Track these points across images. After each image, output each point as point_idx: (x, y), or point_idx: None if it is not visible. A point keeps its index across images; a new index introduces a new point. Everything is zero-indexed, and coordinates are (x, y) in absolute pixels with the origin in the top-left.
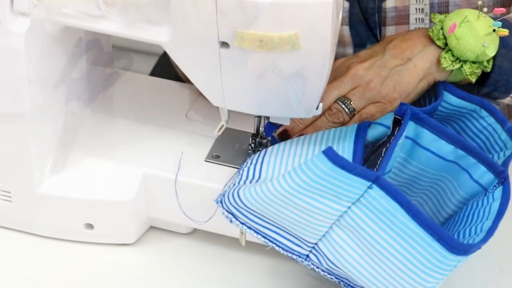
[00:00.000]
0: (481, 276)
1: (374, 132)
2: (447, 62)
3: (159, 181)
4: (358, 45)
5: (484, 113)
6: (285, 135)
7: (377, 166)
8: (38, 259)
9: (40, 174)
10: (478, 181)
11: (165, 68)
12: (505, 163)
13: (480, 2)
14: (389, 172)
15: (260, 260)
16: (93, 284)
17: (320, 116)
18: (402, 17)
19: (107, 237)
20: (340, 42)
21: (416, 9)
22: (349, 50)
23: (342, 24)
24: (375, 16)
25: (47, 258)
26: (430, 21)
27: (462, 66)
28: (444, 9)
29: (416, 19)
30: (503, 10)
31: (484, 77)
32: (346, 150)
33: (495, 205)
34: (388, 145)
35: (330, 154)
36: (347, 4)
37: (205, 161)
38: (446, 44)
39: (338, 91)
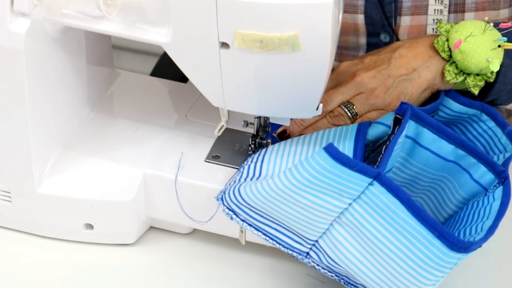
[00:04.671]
0: (482, 276)
1: (374, 131)
2: (450, 75)
3: (159, 181)
4: (372, 34)
5: (484, 116)
6: (284, 135)
7: (377, 164)
8: (38, 259)
9: (40, 174)
10: (478, 181)
11: (165, 68)
12: (505, 164)
13: (486, 18)
14: (390, 171)
15: (260, 260)
16: (93, 284)
17: (322, 118)
18: (419, 7)
19: (107, 237)
20: (354, 31)
21: (436, 0)
22: (363, 39)
23: (357, 12)
24: (392, 5)
25: (47, 258)
26: (449, 12)
27: (465, 78)
28: (461, 1)
29: (435, 10)
30: (508, 25)
31: (487, 84)
32: (346, 149)
33: (496, 205)
34: (388, 143)
35: (331, 151)
36: None
37: (205, 161)
38: (450, 56)
39: (342, 96)
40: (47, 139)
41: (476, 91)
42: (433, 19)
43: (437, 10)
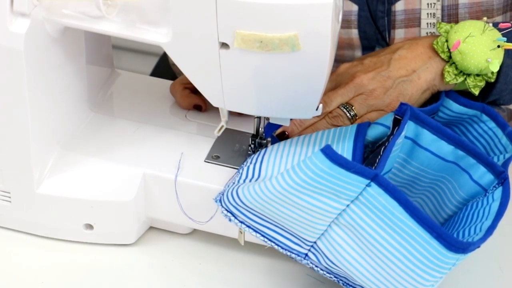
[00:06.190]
0: (481, 276)
1: (374, 132)
2: (450, 76)
3: (159, 182)
4: (367, 48)
5: (485, 117)
6: (284, 136)
7: (376, 165)
8: (38, 259)
9: (40, 174)
10: (478, 182)
11: (165, 68)
12: (505, 164)
13: (485, 18)
14: (389, 172)
15: (260, 260)
16: (93, 284)
17: (321, 119)
18: (412, 20)
19: (107, 237)
20: (349, 45)
21: (427, 14)
22: (358, 53)
23: (351, 27)
24: (385, 19)
25: (47, 258)
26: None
27: (465, 79)
28: (454, 11)
29: (427, 23)
30: (508, 25)
31: (488, 84)
32: (345, 150)
33: (495, 206)
34: (386, 144)
35: (328, 152)
36: (356, 7)
37: (205, 161)
38: (450, 57)
39: (342, 98)
40: (47, 139)
41: (476, 92)
42: (427, 32)
43: (430, 23)
